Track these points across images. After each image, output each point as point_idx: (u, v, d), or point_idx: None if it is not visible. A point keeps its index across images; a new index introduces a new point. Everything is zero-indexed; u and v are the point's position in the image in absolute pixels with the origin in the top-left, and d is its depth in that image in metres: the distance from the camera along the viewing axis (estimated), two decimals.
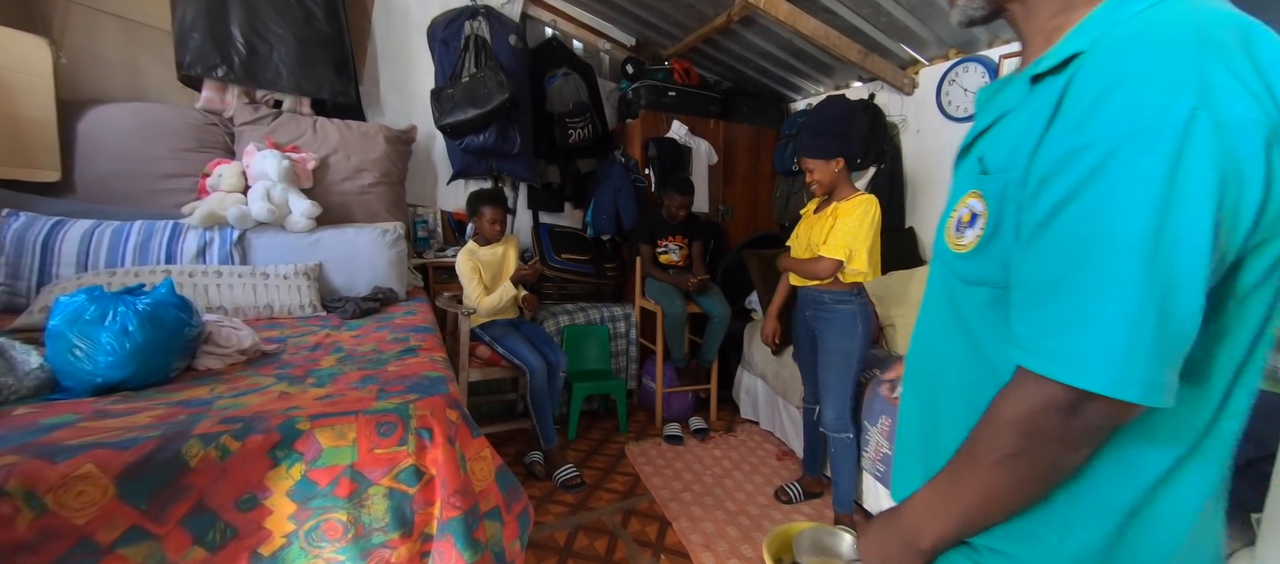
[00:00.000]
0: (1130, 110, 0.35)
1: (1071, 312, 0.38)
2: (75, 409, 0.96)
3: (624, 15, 3.01)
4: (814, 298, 1.76)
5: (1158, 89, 0.34)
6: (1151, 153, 0.34)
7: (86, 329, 1.08)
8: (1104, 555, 0.44)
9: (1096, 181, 0.36)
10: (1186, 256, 0.35)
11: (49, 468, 0.75)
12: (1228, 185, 0.35)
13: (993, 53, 2.34)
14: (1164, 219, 0.34)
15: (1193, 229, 0.35)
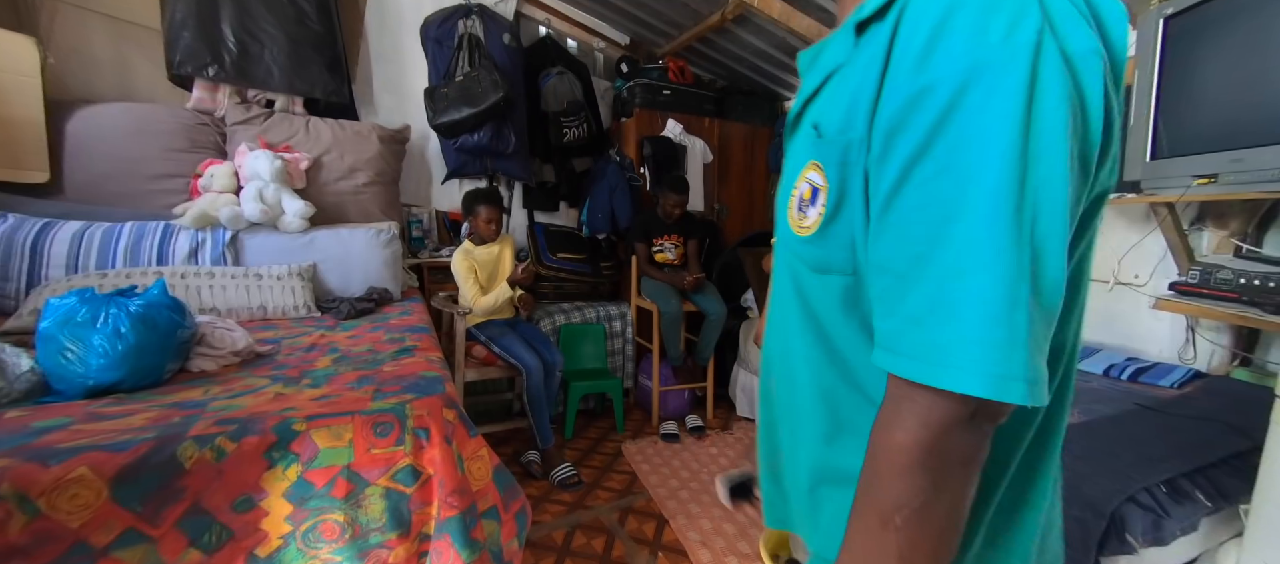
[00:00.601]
0: (973, 39, 0.29)
1: (938, 296, 0.31)
2: (68, 412, 0.96)
3: (618, 14, 3.01)
4: None
5: (999, 13, 0.30)
6: (1002, 89, 0.29)
7: (78, 331, 1.07)
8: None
9: (947, 129, 0.30)
10: (1050, 213, 0.30)
11: (42, 471, 0.75)
12: (1075, 126, 0.31)
13: None
14: (1026, 168, 0.29)
15: (1054, 178, 0.30)
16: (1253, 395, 1.47)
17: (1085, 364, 1.87)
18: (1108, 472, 1.14)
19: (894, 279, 0.33)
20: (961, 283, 0.30)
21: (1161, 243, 1.79)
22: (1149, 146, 1.56)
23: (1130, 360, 1.82)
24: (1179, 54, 1.50)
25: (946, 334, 0.30)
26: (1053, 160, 0.30)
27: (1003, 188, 0.29)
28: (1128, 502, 1.07)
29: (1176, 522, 1.05)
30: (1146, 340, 1.89)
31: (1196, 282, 1.57)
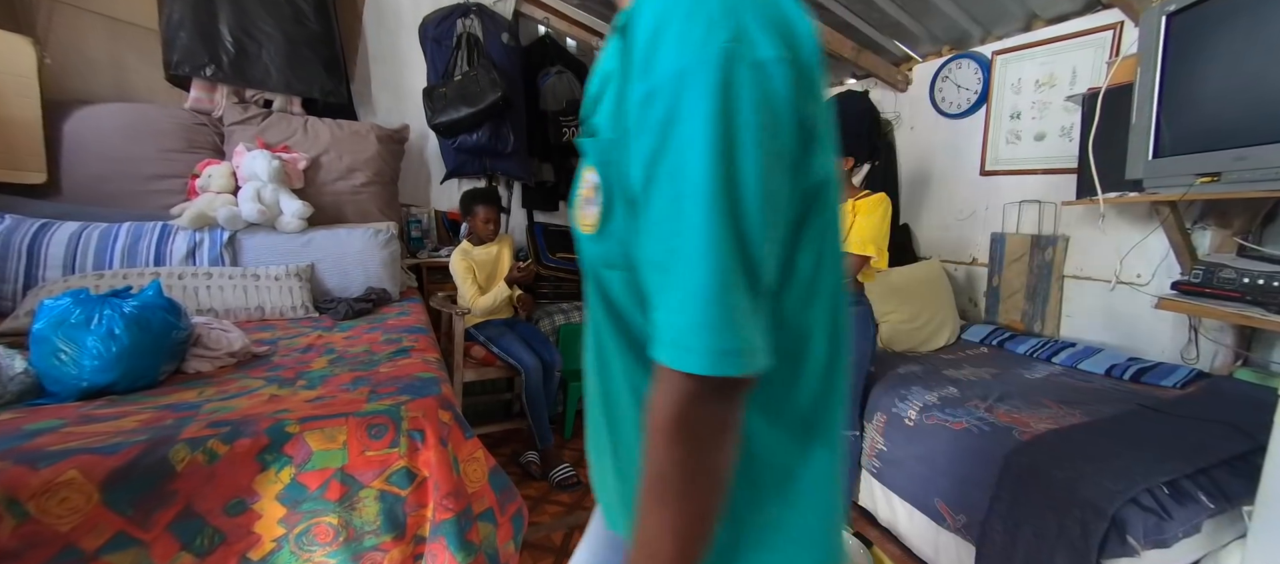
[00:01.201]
0: (678, 47, 0.33)
1: (674, 285, 0.35)
2: (60, 414, 0.95)
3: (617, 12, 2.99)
4: None
5: (698, 24, 0.33)
6: (701, 93, 0.33)
7: (72, 332, 1.06)
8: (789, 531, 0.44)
9: (671, 131, 0.34)
10: (754, 204, 0.34)
11: (31, 474, 0.74)
12: (768, 129, 0.34)
13: (986, 48, 2.34)
14: (729, 164, 0.33)
15: (754, 172, 0.33)
16: (1256, 396, 1.46)
17: (1087, 364, 1.86)
18: (1109, 472, 1.13)
19: (656, 272, 0.37)
20: (687, 272, 0.34)
21: (1164, 242, 1.78)
22: (1151, 145, 1.55)
23: (1132, 360, 1.81)
24: (1181, 52, 1.49)
25: (679, 320, 0.34)
26: (750, 156, 0.33)
27: (709, 184, 0.33)
28: (1129, 503, 1.06)
29: (1178, 523, 1.04)
30: (1148, 340, 1.88)
31: (1199, 281, 1.56)
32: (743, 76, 0.33)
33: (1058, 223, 2.13)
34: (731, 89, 0.33)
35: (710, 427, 0.36)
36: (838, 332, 0.45)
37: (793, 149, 0.36)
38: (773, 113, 0.34)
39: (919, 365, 1.91)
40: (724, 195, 0.33)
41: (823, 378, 0.44)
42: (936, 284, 2.32)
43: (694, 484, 0.37)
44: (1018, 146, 2.25)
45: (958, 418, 1.49)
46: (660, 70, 0.34)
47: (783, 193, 0.36)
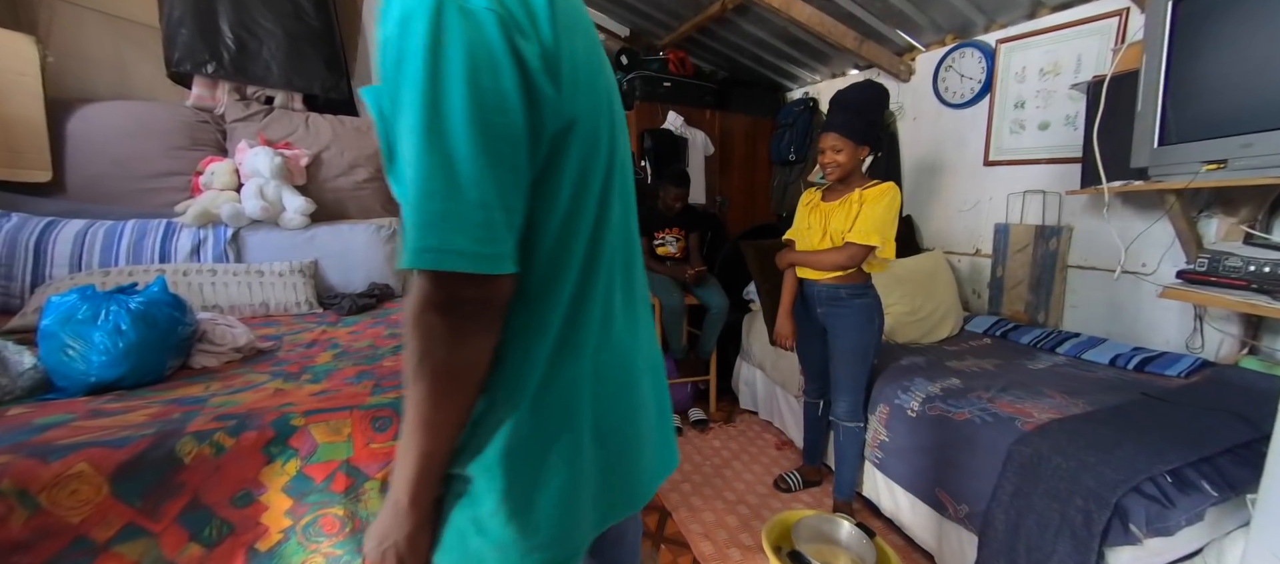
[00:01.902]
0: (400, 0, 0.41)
1: (404, 199, 0.42)
2: (69, 409, 0.96)
3: (618, 5, 2.98)
4: (828, 294, 1.66)
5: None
6: (416, 35, 0.39)
7: (79, 328, 1.07)
8: (531, 433, 0.49)
9: (401, 70, 0.40)
10: (460, 128, 0.40)
11: (42, 467, 0.75)
12: (482, 66, 0.40)
13: (990, 37, 2.32)
14: (436, 95, 0.39)
15: (459, 102, 0.40)
16: (1261, 384, 1.45)
17: (1091, 354, 1.85)
18: (1112, 461, 1.13)
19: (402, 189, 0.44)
20: (409, 186, 0.41)
21: (1169, 230, 1.76)
22: (1156, 133, 1.53)
23: (1136, 350, 1.80)
24: (1187, 38, 1.47)
25: (409, 227, 0.41)
26: (457, 89, 0.40)
27: (421, 111, 0.40)
28: (1132, 492, 1.06)
29: (1181, 511, 1.04)
30: (1153, 330, 1.87)
31: (1205, 269, 1.55)
32: (452, 21, 0.39)
33: (1062, 213, 2.11)
34: (441, 32, 0.39)
35: (436, 324, 0.43)
36: (593, 272, 0.51)
37: (510, 87, 0.42)
38: (484, 52, 0.41)
39: (922, 357, 1.91)
40: (430, 122, 0.39)
41: (568, 312, 0.50)
42: (939, 275, 2.31)
43: (422, 372, 0.44)
44: (1022, 136, 2.23)
45: (960, 409, 1.49)
46: (388, 21, 0.41)
47: (504, 125, 0.42)
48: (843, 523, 1.47)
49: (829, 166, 1.61)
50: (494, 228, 0.42)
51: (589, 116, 0.49)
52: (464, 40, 0.40)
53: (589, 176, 0.50)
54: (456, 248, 0.40)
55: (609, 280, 0.53)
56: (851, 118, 1.58)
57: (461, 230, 0.40)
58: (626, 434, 0.56)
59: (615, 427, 0.55)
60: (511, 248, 0.44)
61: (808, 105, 3.12)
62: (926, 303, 2.18)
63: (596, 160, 0.50)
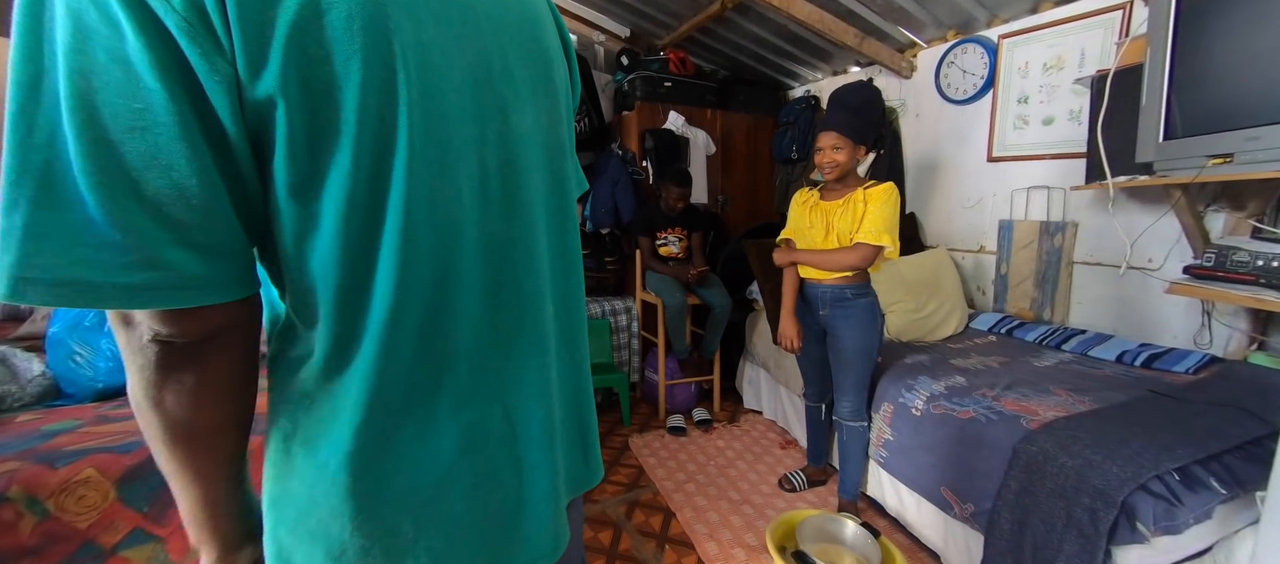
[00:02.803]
0: None
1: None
2: (77, 415, 0.97)
3: (618, 5, 2.98)
4: (834, 295, 1.64)
5: None
6: (18, 14, 0.31)
7: (86, 336, 1.09)
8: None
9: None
10: (50, 123, 0.31)
11: (50, 473, 0.76)
12: (91, 36, 0.31)
13: (992, 32, 2.31)
14: (32, 87, 0.31)
15: (57, 93, 0.31)
16: (1271, 380, 1.44)
17: (1097, 351, 1.84)
18: (1118, 459, 1.12)
19: None
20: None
21: (1175, 225, 1.75)
22: (1161, 127, 1.52)
23: (1143, 346, 1.78)
24: (1192, 31, 1.45)
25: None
26: (54, 76, 0.31)
27: (12, 109, 0.31)
28: (1139, 489, 1.06)
29: (1190, 510, 1.03)
30: (1160, 326, 1.86)
31: (1212, 264, 1.54)
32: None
33: (1066, 208, 2.10)
34: (44, 10, 0.31)
35: (133, 359, 0.36)
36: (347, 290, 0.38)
37: (146, 54, 0.31)
38: (96, 21, 0.31)
39: (926, 355, 1.90)
40: (22, 118, 0.31)
41: (331, 357, 0.39)
42: (943, 273, 2.30)
43: (143, 402, 0.38)
44: (1025, 131, 2.22)
45: (965, 407, 1.48)
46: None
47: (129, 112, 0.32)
48: (847, 522, 1.47)
49: (827, 165, 1.60)
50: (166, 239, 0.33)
51: (359, 82, 0.36)
52: (74, 16, 0.31)
53: (381, 172, 0.37)
54: (27, 272, 0.31)
55: (454, 310, 0.42)
56: (850, 117, 1.57)
57: (48, 248, 0.31)
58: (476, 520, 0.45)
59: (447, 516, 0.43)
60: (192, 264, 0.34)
61: (809, 103, 3.11)
62: (930, 300, 2.17)
63: (395, 144, 0.38)
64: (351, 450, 0.39)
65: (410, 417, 0.41)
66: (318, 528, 0.40)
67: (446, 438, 0.42)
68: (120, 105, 0.31)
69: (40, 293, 0.31)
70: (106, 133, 0.31)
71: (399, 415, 0.40)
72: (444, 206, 0.41)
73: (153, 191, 0.32)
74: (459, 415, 0.43)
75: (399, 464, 0.41)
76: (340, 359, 0.39)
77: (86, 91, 0.31)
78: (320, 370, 0.39)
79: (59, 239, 0.31)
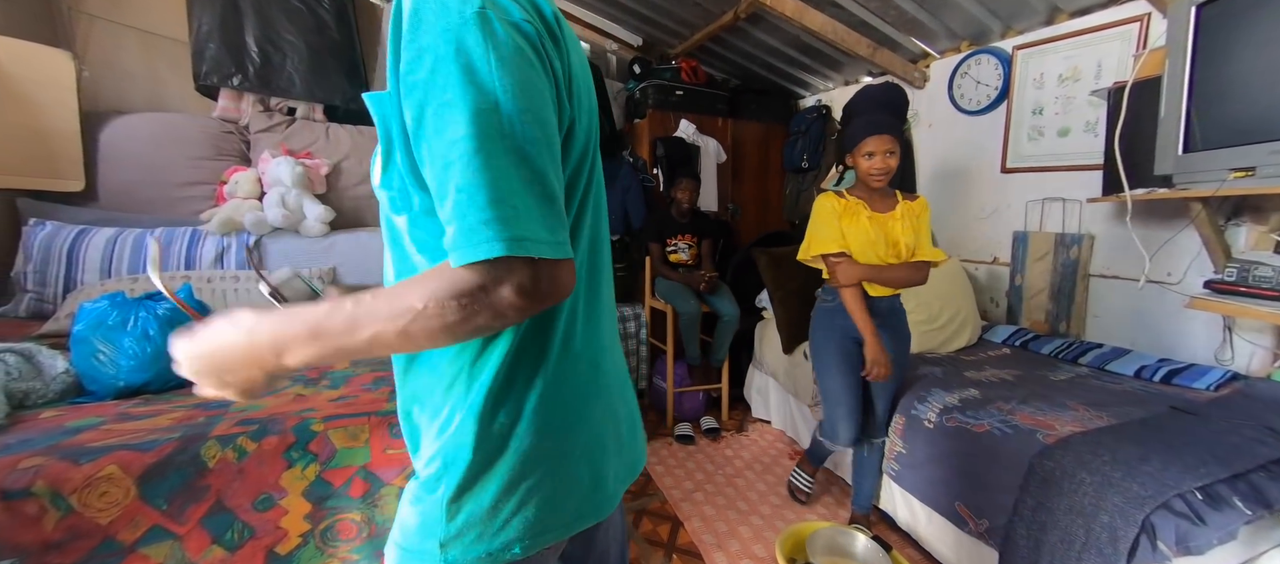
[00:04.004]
0: (439, 13, 0.42)
1: (472, 203, 0.41)
2: (99, 412, 0.99)
3: (631, 15, 3.01)
4: (888, 307, 1.58)
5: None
6: (469, 45, 0.41)
7: (109, 334, 1.11)
8: (501, 434, 0.50)
9: (440, 77, 0.41)
10: (522, 133, 0.41)
11: (74, 469, 0.78)
12: (528, 74, 0.43)
13: (1006, 43, 2.30)
14: (496, 102, 0.41)
15: (517, 109, 0.41)
16: None
17: (1115, 365, 1.81)
18: (1139, 477, 1.10)
19: (440, 193, 0.43)
20: (469, 193, 0.41)
21: (1195, 239, 1.72)
22: (1181, 139, 1.50)
23: (1163, 361, 1.75)
24: (1212, 43, 1.44)
25: (471, 228, 0.41)
26: (511, 94, 0.41)
27: (478, 117, 0.40)
28: (1161, 508, 1.03)
29: (1213, 530, 1.00)
30: (1180, 341, 1.82)
31: (1233, 279, 1.51)
32: (498, 30, 0.42)
33: (1082, 220, 2.07)
34: (489, 40, 0.41)
35: (510, 306, 0.43)
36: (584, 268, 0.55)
37: (549, 95, 0.45)
38: (527, 63, 0.43)
39: (939, 367, 1.88)
40: (493, 126, 0.41)
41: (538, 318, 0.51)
42: (956, 283, 2.28)
43: (432, 325, 0.42)
44: (1040, 143, 2.20)
45: (980, 420, 1.46)
46: (425, 34, 0.42)
47: (550, 130, 0.44)
48: (858, 536, 1.45)
49: (880, 171, 1.49)
50: (562, 220, 0.44)
51: (583, 130, 0.51)
52: (513, 48, 0.42)
53: (572, 188, 0.51)
54: (539, 237, 0.41)
55: (577, 287, 0.54)
56: (894, 119, 1.51)
57: (542, 223, 0.42)
58: (593, 442, 0.56)
59: (583, 433, 0.55)
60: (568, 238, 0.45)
61: (820, 113, 3.11)
62: (944, 311, 2.15)
63: (582, 172, 0.52)
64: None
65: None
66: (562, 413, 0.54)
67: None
68: (549, 123, 0.45)
69: (530, 246, 0.42)
70: (545, 144, 0.45)
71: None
72: (593, 212, 0.57)
73: (558, 184, 0.46)
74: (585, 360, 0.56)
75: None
76: (540, 330, 0.53)
77: (532, 113, 0.43)
78: (526, 337, 0.52)
79: (534, 215, 0.43)
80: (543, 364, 0.51)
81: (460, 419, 0.49)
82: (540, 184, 0.42)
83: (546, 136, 0.43)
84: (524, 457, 0.50)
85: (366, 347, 0.43)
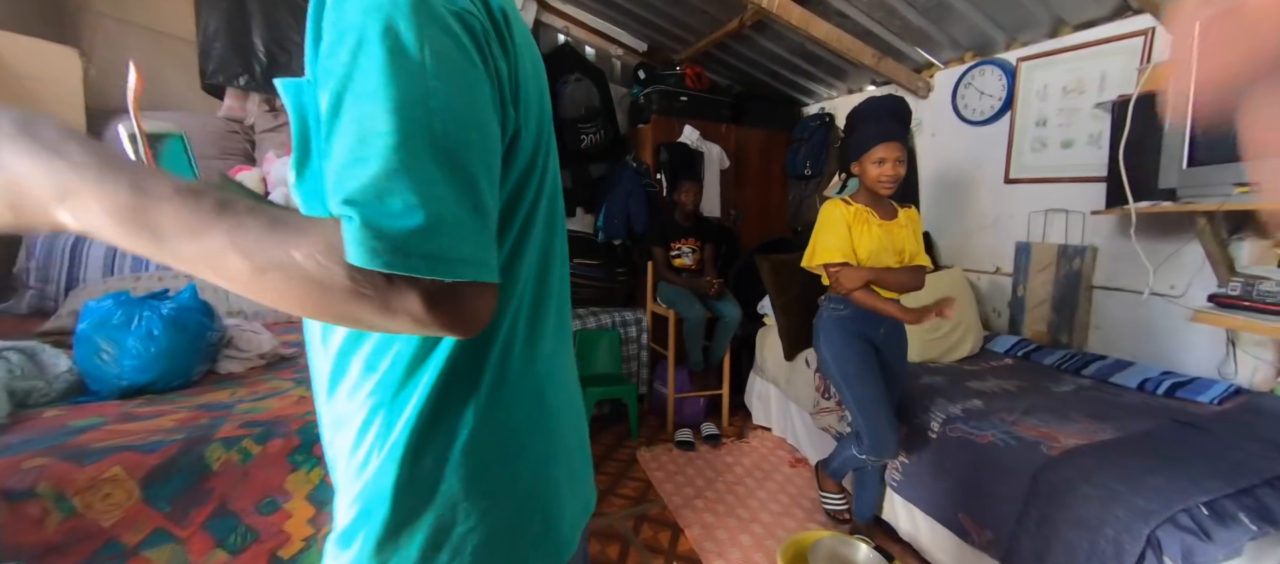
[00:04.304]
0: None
1: (390, 206, 0.34)
2: (102, 412, 0.98)
3: (636, 21, 3.02)
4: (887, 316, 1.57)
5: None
6: (400, 31, 0.34)
7: (113, 333, 1.10)
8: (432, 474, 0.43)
9: (363, 65, 0.34)
10: (454, 134, 0.35)
11: (77, 470, 0.77)
12: (467, 69, 0.37)
13: (1010, 55, 2.31)
14: (427, 97, 0.34)
15: (448, 105, 0.35)
16: None
17: (1118, 378, 1.81)
18: (1144, 490, 1.09)
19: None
20: (391, 194, 0.34)
21: (1199, 253, 1.72)
22: (1186, 153, 1.51)
23: (1166, 374, 1.75)
24: None
25: (382, 233, 0.34)
26: (445, 90, 0.35)
27: (402, 112, 0.34)
28: (1166, 523, 1.03)
29: (1219, 546, 1.00)
30: (1183, 354, 1.82)
31: (1237, 294, 1.51)
32: (437, 20, 0.35)
33: (1085, 232, 2.08)
34: (425, 29, 0.35)
35: (412, 323, 0.37)
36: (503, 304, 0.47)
37: (489, 95, 0.39)
38: (466, 57, 0.37)
39: (941, 376, 1.88)
40: (420, 122, 0.34)
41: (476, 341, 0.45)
42: (958, 293, 2.28)
43: (321, 298, 0.35)
44: (1043, 154, 2.21)
45: (983, 431, 1.46)
46: (348, 16, 0.35)
47: (488, 131, 0.39)
48: (860, 546, 1.44)
49: (889, 179, 1.50)
50: (490, 237, 0.38)
51: (531, 140, 0.46)
52: (453, 38, 0.36)
53: (515, 204, 0.46)
54: (463, 256, 0.35)
55: (517, 308, 0.48)
56: (903, 129, 1.53)
57: (466, 238, 0.35)
58: (539, 482, 0.49)
59: (525, 472, 0.48)
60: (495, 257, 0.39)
61: (824, 120, 3.12)
62: (945, 321, 2.15)
63: (528, 187, 0.46)
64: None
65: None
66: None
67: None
68: (485, 125, 0.40)
69: (446, 267, 0.35)
70: (480, 146, 0.39)
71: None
72: (546, 227, 0.51)
73: (493, 193, 0.40)
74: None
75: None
76: (475, 354, 0.47)
77: (471, 111, 0.38)
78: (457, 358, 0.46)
79: (458, 227, 0.36)
80: (474, 395, 0.44)
81: (380, 462, 0.42)
82: (471, 195, 0.36)
83: (485, 144, 0.38)
84: (454, 502, 0.43)
85: (199, 261, 0.34)
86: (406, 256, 0.33)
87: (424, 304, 0.34)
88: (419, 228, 0.33)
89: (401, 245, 0.33)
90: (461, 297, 0.36)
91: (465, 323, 0.37)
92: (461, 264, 0.35)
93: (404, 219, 0.33)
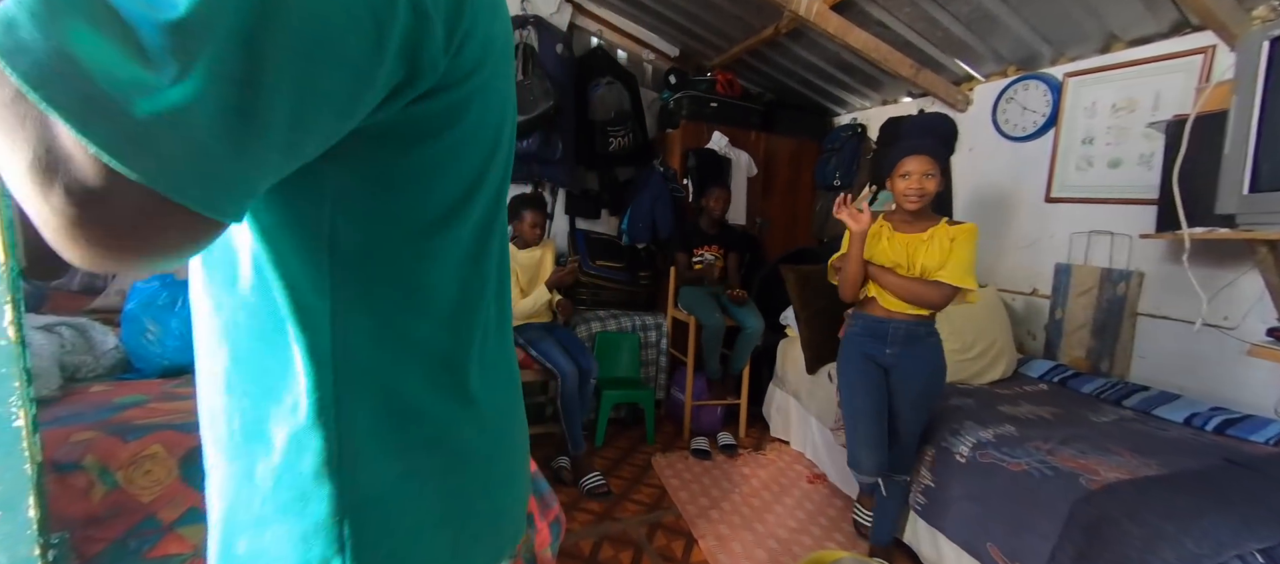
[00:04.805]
0: None
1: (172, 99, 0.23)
2: (145, 390, 1.02)
3: (669, 26, 3.02)
4: (907, 331, 1.53)
5: None
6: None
7: (158, 314, 1.15)
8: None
9: None
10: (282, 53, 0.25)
11: (121, 446, 0.80)
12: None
13: (1057, 70, 2.23)
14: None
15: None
16: None
17: (1163, 411, 1.72)
18: (1193, 533, 1.03)
19: None
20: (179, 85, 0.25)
21: (1258, 283, 1.63)
22: (1247, 178, 1.43)
23: (1216, 410, 1.66)
24: None
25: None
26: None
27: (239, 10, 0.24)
28: None
29: None
30: (1237, 390, 1.72)
31: None
32: None
33: (1131, 256, 1.99)
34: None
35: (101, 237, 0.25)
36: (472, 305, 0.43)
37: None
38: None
39: (971, 399, 1.81)
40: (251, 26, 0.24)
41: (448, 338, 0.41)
42: (992, 313, 2.20)
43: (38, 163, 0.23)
44: (1088, 173, 2.12)
45: (1017, 459, 1.41)
46: None
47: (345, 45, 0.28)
48: None
49: (915, 193, 1.48)
50: (256, 171, 0.27)
51: (492, 119, 0.40)
52: None
53: (480, 188, 0.41)
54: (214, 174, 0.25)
55: (486, 320, 0.45)
56: (940, 146, 1.53)
57: (221, 182, 0.26)
58: (494, 511, 0.47)
59: (481, 499, 0.45)
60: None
61: (856, 131, 3.06)
62: (978, 341, 2.08)
63: (491, 172, 0.42)
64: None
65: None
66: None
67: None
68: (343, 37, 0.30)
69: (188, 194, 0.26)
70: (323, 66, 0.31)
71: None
72: (501, 237, 0.48)
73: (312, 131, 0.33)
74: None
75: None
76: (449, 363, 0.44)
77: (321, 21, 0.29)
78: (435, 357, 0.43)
79: (216, 163, 0.27)
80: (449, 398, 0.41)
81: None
82: (269, 114, 0.25)
83: (335, 59, 0.27)
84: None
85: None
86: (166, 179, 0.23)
87: (135, 210, 0.24)
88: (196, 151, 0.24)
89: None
90: (176, 222, 0.25)
91: (156, 246, 0.26)
92: (204, 184, 0.25)
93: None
